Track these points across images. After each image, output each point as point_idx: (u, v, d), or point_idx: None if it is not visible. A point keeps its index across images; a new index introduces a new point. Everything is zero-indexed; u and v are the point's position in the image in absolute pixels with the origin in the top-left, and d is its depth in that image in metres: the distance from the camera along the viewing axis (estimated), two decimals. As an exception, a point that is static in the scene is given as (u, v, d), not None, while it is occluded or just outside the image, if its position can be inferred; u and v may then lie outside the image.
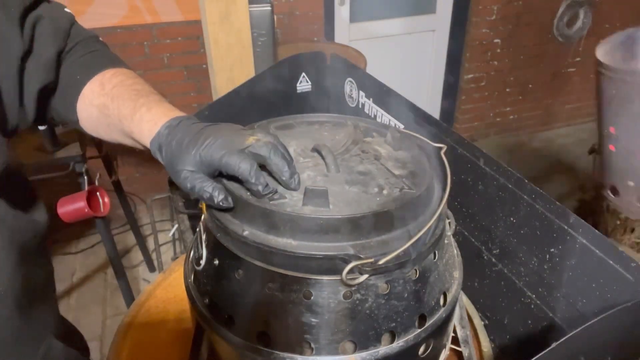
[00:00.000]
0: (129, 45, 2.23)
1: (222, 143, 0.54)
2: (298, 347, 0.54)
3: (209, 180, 0.55)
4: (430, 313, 0.58)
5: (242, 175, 0.53)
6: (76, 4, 2.02)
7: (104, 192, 1.61)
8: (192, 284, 0.64)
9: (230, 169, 0.53)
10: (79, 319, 2.02)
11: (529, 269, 0.74)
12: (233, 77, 1.53)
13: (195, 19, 2.22)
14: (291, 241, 0.52)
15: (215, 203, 0.54)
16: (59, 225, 1.47)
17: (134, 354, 0.78)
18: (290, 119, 0.78)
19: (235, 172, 0.53)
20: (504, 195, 0.76)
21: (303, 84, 1.32)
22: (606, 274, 0.60)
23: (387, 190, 0.59)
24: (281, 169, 0.55)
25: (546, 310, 0.72)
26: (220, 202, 0.54)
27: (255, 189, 0.54)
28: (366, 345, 0.54)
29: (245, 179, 0.53)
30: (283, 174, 0.55)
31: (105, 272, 2.27)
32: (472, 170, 0.82)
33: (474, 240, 0.86)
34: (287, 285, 0.52)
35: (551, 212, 0.67)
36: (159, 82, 2.36)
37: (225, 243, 0.56)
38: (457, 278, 0.64)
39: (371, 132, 0.74)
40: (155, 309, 0.87)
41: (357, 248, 0.51)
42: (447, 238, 0.63)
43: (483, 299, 0.87)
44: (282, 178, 0.56)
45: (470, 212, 0.86)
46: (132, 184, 2.56)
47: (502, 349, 0.83)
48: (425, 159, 0.66)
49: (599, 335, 0.52)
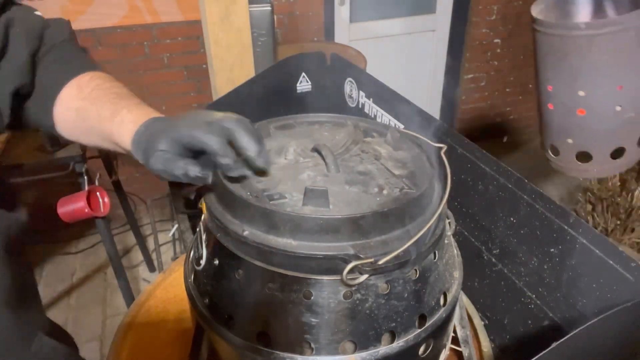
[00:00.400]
0: (129, 45, 2.23)
1: (191, 120, 0.54)
2: (298, 347, 0.54)
3: (181, 159, 0.54)
4: (430, 313, 0.58)
5: (210, 148, 0.52)
6: (76, 4, 2.01)
7: (104, 192, 1.61)
8: (192, 284, 0.64)
9: (198, 141, 0.52)
10: (79, 319, 2.02)
11: (529, 269, 0.74)
12: (233, 77, 1.53)
13: (195, 19, 2.22)
14: (291, 241, 0.52)
15: (191, 178, 0.53)
16: (59, 225, 1.47)
17: (134, 354, 0.78)
18: (290, 119, 0.78)
19: (203, 145, 0.52)
20: (504, 195, 0.76)
21: (303, 84, 1.32)
22: (606, 274, 0.60)
23: (387, 190, 0.59)
24: (247, 144, 0.54)
25: (546, 310, 0.72)
26: (197, 175, 0.53)
27: (224, 162, 0.53)
28: (366, 345, 0.54)
29: (213, 152, 0.52)
30: (249, 149, 0.54)
31: (105, 272, 2.27)
32: (472, 170, 0.82)
33: (474, 240, 0.86)
34: (287, 285, 0.53)
35: (551, 212, 0.67)
36: (159, 82, 2.36)
37: (225, 243, 0.56)
38: (457, 278, 0.64)
39: (371, 132, 0.74)
40: (155, 309, 0.87)
41: (357, 248, 0.51)
42: (447, 238, 0.63)
43: (483, 299, 0.87)
44: (248, 153, 0.54)
45: (470, 212, 0.86)
46: (132, 184, 2.56)
47: (502, 349, 0.83)
48: (425, 159, 0.66)
49: (599, 335, 0.52)
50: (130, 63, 2.27)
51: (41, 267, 2.30)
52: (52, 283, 2.21)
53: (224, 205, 0.58)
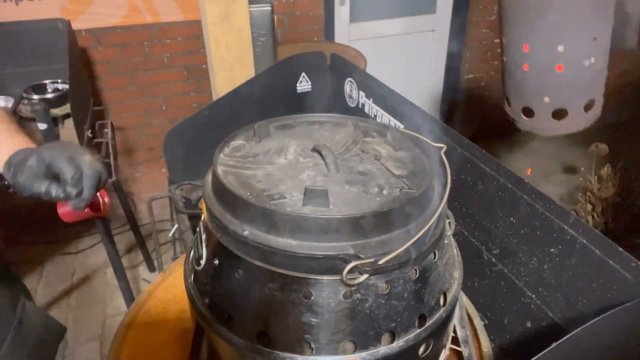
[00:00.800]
0: (129, 45, 2.23)
1: (58, 148, 0.65)
2: (298, 347, 0.54)
3: (46, 179, 0.64)
4: (430, 313, 0.58)
5: (64, 176, 0.62)
6: (76, 4, 2.01)
7: (104, 192, 1.60)
8: (192, 284, 0.64)
9: (57, 167, 0.63)
10: (79, 319, 2.02)
11: (529, 269, 0.74)
12: (233, 77, 1.53)
13: (195, 19, 2.22)
14: (291, 241, 0.52)
15: (52, 197, 0.63)
16: (59, 225, 1.47)
17: (133, 354, 0.78)
18: (290, 119, 0.78)
19: (61, 171, 0.62)
20: (504, 195, 0.76)
21: (303, 84, 1.32)
22: (606, 274, 0.60)
23: (387, 190, 0.59)
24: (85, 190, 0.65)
25: (546, 310, 0.72)
26: (57, 195, 0.63)
27: (69, 191, 0.63)
28: (366, 345, 0.54)
29: (65, 180, 0.62)
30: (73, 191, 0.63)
31: (105, 272, 2.27)
32: (472, 170, 0.82)
33: (474, 240, 0.86)
34: (287, 285, 0.52)
35: (551, 212, 0.67)
36: (159, 82, 2.36)
37: (225, 243, 0.56)
38: (457, 278, 0.64)
39: (371, 132, 0.74)
40: (155, 309, 0.87)
41: (357, 248, 0.51)
42: (447, 238, 0.63)
43: (483, 299, 0.87)
44: (68, 191, 0.63)
45: (470, 212, 0.86)
46: (132, 184, 2.56)
47: (502, 349, 0.83)
48: (425, 159, 0.66)
49: (599, 335, 0.52)
50: (130, 63, 2.27)
51: (41, 267, 2.30)
52: (52, 283, 2.21)
53: (224, 205, 0.58)
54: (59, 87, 1.80)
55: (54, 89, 1.79)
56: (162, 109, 2.43)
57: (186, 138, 1.22)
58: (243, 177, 0.61)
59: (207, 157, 0.66)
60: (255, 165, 0.64)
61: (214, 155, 0.65)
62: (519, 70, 0.70)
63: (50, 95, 1.70)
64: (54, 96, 1.68)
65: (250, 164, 0.64)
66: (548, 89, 0.70)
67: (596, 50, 0.67)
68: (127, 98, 2.35)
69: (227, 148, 0.69)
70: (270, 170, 0.63)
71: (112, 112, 2.31)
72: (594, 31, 0.65)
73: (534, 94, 0.72)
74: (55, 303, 2.12)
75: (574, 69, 0.68)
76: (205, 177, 0.65)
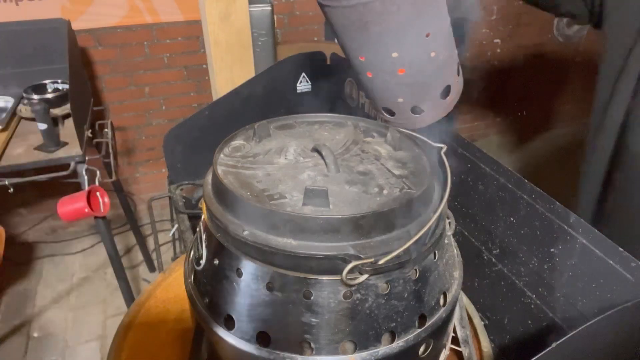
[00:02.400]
0: (129, 45, 2.23)
1: None
2: (298, 347, 0.54)
3: None
4: (430, 313, 0.58)
5: None
6: (76, 4, 2.01)
7: (104, 192, 1.61)
8: (192, 284, 0.64)
9: None
10: (79, 319, 2.02)
11: (529, 269, 0.74)
12: (233, 77, 1.53)
13: (195, 19, 2.22)
14: (291, 241, 0.52)
15: None
16: (59, 225, 1.47)
17: (134, 354, 0.78)
18: (290, 119, 0.78)
19: None
20: (504, 195, 0.76)
21: (303, 84, 1.32)
22: (606, 274, 0.60)
23: (387, 190, 0.59)
24: None
25: (546, 310, 0.72)
26: None
27: None
28: (366, 345, 0.54)
29: None
30: None
31: (105, 272, 2.27)
32: (472, 170, 0.82)
33: (474, 240, 0.86)
34: (287, 285, 0.53)
35: (551, 212, 0.67)
36: (159, 82, 2.36)
37: (225, 243, 0.56)
38: (457, 278, 0.64)
39: (371, 132, 0.74)
40: (155, 309, 0.87)
41: (357, 248, 0.51)
42: (447, 238, 0.63)
43: (483, 299, 0.87)
44: None
45: (470, 212, 0.86)
46: (132, 184, 2.56)
47: (502, 349, 0.83)
48: (425, 159, 0.66)
49: (599, 335, 0.52)
50: (130, 63, 2.27)
51: (41, 267, 2.30)
52: (52, 283, 2.21)
53: (224, 205, 0.58)
54: (59, 87, 1.80)
55: (54, 89, 1.79)
56: (162, 109, 2.43)
57: (186, 138, 1.23)
58: (243, 177, 0.61)
59: (207, 157, 0.66)
60: (255, 165, 0.64)
61: (214, 155, 0.65)
62: (365, 77, 0.69)
63: (50, 95, 1.70)
64: (54, 96, 1.69)
65: (250, 164, 0.64)
66: (398, 91, 0.69)
67: (434, 44, 0.64)
68: (127, 98, 2.35)
69: (227, 148, 0.69)
70: (270, 170, 0.63)
71: (112, 112, 2.31)
72: (425, 29, 0.62)
73: (387, 97, 0.71)
74: (55, 303, 2.12)
75: (416, 69, 0.66)
76: (205, 177, 0.65)
